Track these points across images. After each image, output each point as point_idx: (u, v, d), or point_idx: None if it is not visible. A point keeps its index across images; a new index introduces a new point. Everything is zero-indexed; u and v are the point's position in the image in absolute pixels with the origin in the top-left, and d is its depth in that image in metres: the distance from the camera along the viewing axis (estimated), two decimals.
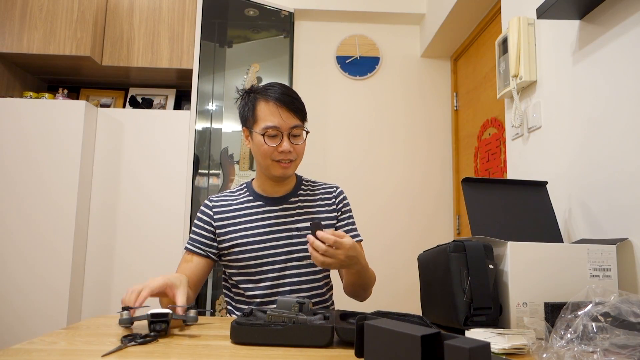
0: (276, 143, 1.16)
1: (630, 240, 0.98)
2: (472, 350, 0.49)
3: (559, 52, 1.29)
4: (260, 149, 1.18)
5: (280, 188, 1.27)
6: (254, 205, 1.26)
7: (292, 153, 1.18)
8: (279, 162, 1.18)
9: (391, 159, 2.73)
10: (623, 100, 1.03)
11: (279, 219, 1.24)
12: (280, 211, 1.25)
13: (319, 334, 0.80)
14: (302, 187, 1.31)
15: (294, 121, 1.18)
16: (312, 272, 1.23)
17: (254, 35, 2.73)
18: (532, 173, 1.41)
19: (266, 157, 1.18)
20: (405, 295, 2.59)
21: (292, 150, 1.18)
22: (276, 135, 1.16)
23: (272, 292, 1.19)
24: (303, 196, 1.29)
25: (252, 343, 0.79)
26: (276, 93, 1.18)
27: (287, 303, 0.89)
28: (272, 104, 1.17)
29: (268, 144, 1.16)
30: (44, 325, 2.03)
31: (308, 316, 0.87)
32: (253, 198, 1.27)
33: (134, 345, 0.77)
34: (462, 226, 2.61)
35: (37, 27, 2.25)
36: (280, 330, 0.80)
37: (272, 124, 1.16)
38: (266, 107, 1.17)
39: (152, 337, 0.81)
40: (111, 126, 2.32)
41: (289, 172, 1.21)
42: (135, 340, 0.78)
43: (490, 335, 0.77)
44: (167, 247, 2.25)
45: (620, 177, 1.02)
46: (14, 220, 2.10)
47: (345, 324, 0.84)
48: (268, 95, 1.18)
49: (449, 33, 2.46)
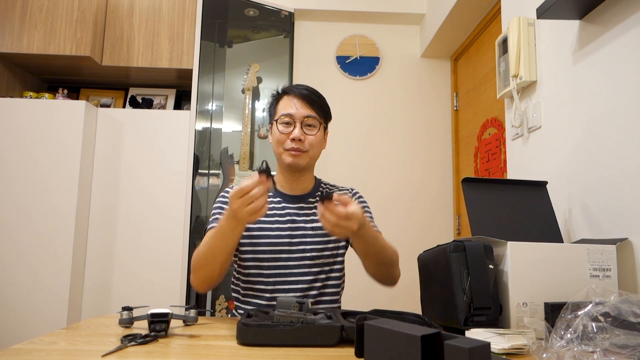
0: (288, 130, 1.20)
1: (630, 240, 0.98)
2: (472, 350, 0.49)
3: (559, 52, 1.29)
4: (275, 137, 1.22)
5: (299, 186, 1.28)
6: (273, 200, 1.27)
7: (304, 143, 1.20)
8: (289, 151, 1.20)
9: (391, 159, 2.73)
10: (623, 100, 1.03)
11: (296, 217, 1.24)
12: (297, 209, 1.26)
13: (328, 334, 0.79)
14: (321, 189, 1.33)
15: (307, 111, 1.21)
16: (323, 272, 1.22)
17: (254, 35, 2.73)
18: (532, 173, 1.41)
19: (279, 145, 1.21)
20: (405, 295, 2.59)
21: (304, 140, 1.19)
22: (289, 123, 1.20)
23: (282, 288, 1.19)
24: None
25: (260, 344, 0.78)
26: (298, 88, 1.24)
27: (287, 303, 0.89)
28: (292, 96, 1.23)
29: (280, 130, 1.20)
30: (44, 326, 2.03)
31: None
32: (273, 194, 1.28)
33: (134, 345, 0.77)
34: (462, 226, 2.61)
35: (37, 27, 2.25)
36: (288, 331, 0.79)
37: (286, 112, 1.20)
38: (287, 99, 1.24)
39: (152, 337, 0.81)
40: (111, 126, 2.31)
41: (300, 162, 1.21)
42: (136, 340, 0.78)
43: (490, 335, 0.77)
44: (167, 247, 2.25)
45: (620, 177, 1.02)
46: (14, 221, 2.10)
47: (349, 323, 0.84)
48: (290, 91, 1.25)
49: (449, 33, 2.46)
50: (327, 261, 1.23)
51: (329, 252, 1.23)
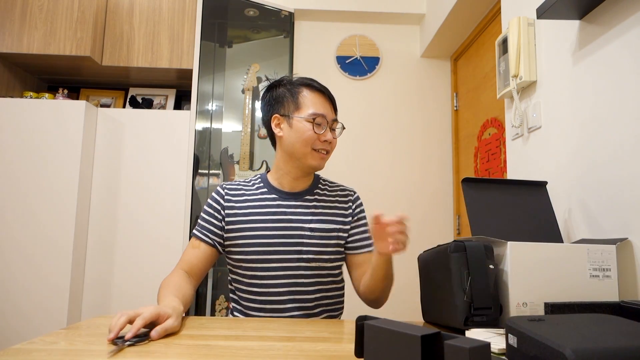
0: (321, 131, 1.16)
1: (630, 240, 0.98)
2: (472, 350, 0.49)
3: (559, 52, 1.29)
4: (303, 135, 1.15)
5: (299, 184, 1.23)
6: (268, 197, 1.21)
7: (332, 145, 1.19)
8: (318, 152, 1.17)
9: (391, 159, 2.73)
10: (623, 100, 1.03)
11: (292, 216, 1.19)
12: (294, 208, 1.20)
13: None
14: (320, 187, 1.27)
15: (334, 114, 1.21)
16: (320, 275, 1.18)
17: (254, 35, 2.73)
18: (532, 173, 1.41)
19: (307, 145, 1.15)
20: (404, 296, 2.59)
21: (332, 142, 1.19)
22: (321, 125, 1.17)
23: (277, 291, 1.15)
24: (320, 195, 1.25)
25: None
26: (319, 85, 1.21)
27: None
28: (319, 94, 1.19)
29: (316, 130, 1.15)
30: (45, 324, 2.03)
31: None
32: (267, 190, 1.23)
33: (128, 345, 0.76)
34: (462, 226, 2.61)
35: (37, 27, 2.25)
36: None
37: (321, 112, 1.17)
38: (313, 95, 1.19)
39: (143, 336, 0.80)
40: (111, 126, 2.32)
41: (324, 165, 1.20)
42: (129, 341, 0.77)
43: (490, 336, 0.77)
44: (167, 246, 2.25)
45: (621, 177, 1.02)
46: (15, 220, 2.10)
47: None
48: (312, 85, 1.20)
49: (449, 33, 2.46)
50: (326, 265, 1.19)
51: (327, 256, 1.19)
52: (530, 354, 0.56)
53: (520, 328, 0.59)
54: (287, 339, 0.86)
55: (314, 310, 1.18)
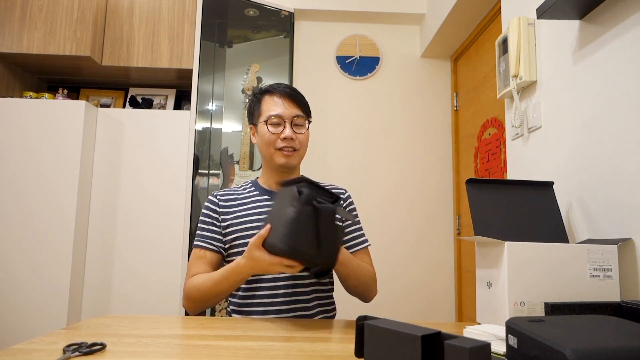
0: (279, 130, 1.20)
1: (633, 240, 0.98)
2: (472, 350, 0.49)
3: (558, 52, 1.29)
4: (263, 138, 1.21)
5: None
6: (261, 198, 1.26)
7: (295, 142, 1.21)
8: (281, 150, 1.20)
9: (391, 159, 2.73)
10: (623, 100, 1.02)
11: None
12: None
13: None
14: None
15: (296, 110, 1.22)
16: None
17: (254, 35, 2.73)
18: (532, 173, 1.41)
19: (270, 146, 1.21)
20: (404, 295, 2.59)
21: (295, 139, 1.20)
22: (279, 124, 1.20)
23: (272, 285, 1.18)
24: None
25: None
26: (280, 87, 1.24)
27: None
28: (277, 96, 1.23)
29: (271, 131, 1.20)
30: (45, 325, 2.03)
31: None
32: (259, 192, 1.27)
33: (77, 356, 0.71)
34: (462, 226, 2.61)
35: (37, 27, 2.25)
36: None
37: (275, 113, 1.21)
38: (270, 99, 1.24)
39: (100, 346, 0.75)
40: (111, 126, 2.32)
41: (292, 162, 1.22)
42: (80, 350, 0.72)
43: (490, 336, 0.77)
44: (167, 247, 2.25)
45: (621, 177, 1.02)
46: (15, 220, 2.10)
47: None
48: (273, 90, 1.24)
49: (449, 33, 2.46)
50: None
51: None
52: (530, 354, 0.56)
53: (520, 329, 0.59)
54: (287, 339, 0.86)
55: (311, 310, 1.20)
